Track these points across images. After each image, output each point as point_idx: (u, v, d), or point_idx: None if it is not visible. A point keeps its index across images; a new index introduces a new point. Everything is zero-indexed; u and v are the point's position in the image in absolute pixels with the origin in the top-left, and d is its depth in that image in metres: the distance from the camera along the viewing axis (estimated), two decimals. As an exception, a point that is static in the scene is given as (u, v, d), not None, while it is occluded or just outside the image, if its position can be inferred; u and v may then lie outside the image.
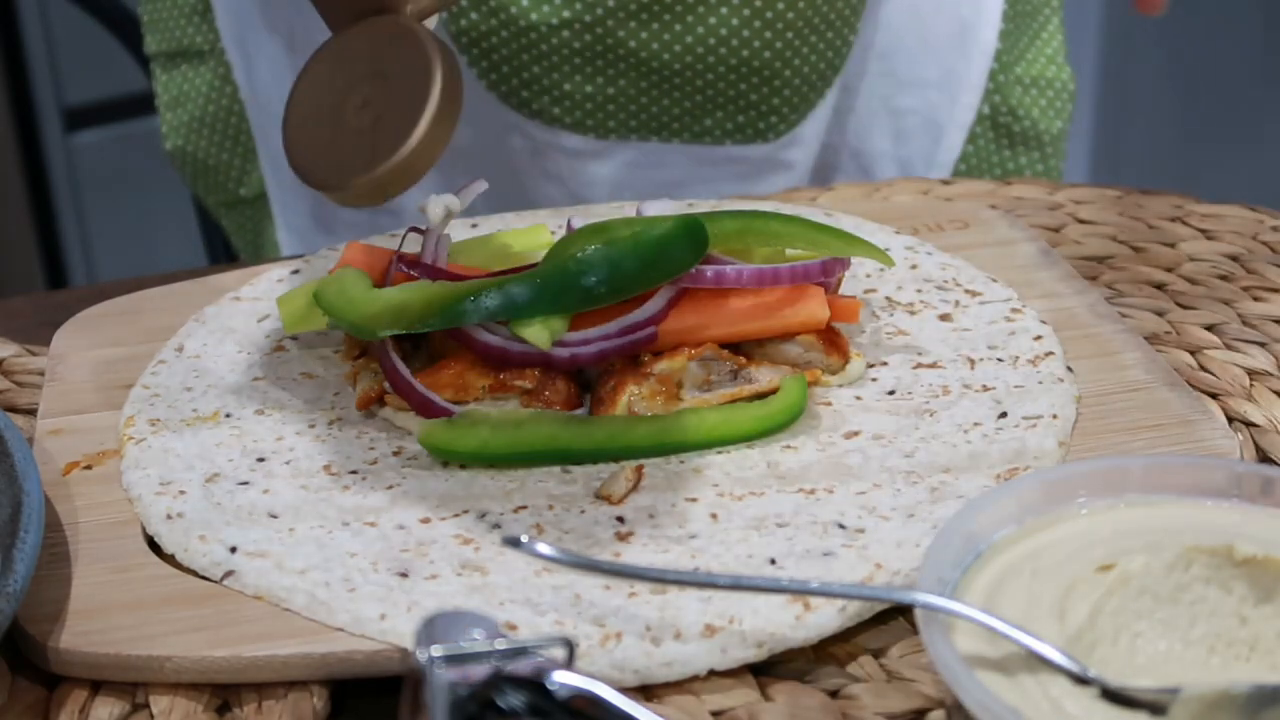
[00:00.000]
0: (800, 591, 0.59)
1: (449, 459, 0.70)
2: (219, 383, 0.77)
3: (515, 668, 0.50)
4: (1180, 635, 0.56)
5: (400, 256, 0.76)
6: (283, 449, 0.72)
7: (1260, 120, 2.35)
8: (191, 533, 0.66)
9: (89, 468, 0.72)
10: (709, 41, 1.02)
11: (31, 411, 0.78)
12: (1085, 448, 0.71)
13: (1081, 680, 0.53)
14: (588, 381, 0.74)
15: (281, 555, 0.64)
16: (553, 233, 0.85)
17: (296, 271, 0.87)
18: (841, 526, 0.65)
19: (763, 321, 0.74)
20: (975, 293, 0.83)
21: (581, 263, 0.72)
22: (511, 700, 0.49)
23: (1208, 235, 0.92)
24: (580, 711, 0.50)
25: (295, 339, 0.80)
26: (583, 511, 0.67)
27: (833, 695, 0.59)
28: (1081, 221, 0.94)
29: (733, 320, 0.74)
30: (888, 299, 0.82)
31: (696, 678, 0.60)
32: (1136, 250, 0.91)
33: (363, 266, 0.76)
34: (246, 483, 0.69)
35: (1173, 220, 0.94)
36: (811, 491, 0.68)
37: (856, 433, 0.72)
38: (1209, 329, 0.82)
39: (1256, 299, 0.85)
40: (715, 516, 0.66)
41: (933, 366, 0.76)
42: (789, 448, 0.71)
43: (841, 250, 0.77)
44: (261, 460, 0.71)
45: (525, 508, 0.67)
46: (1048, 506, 0.59)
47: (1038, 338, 0.78)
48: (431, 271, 0.75)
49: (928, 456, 0.70)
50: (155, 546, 0.66)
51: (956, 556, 0.57)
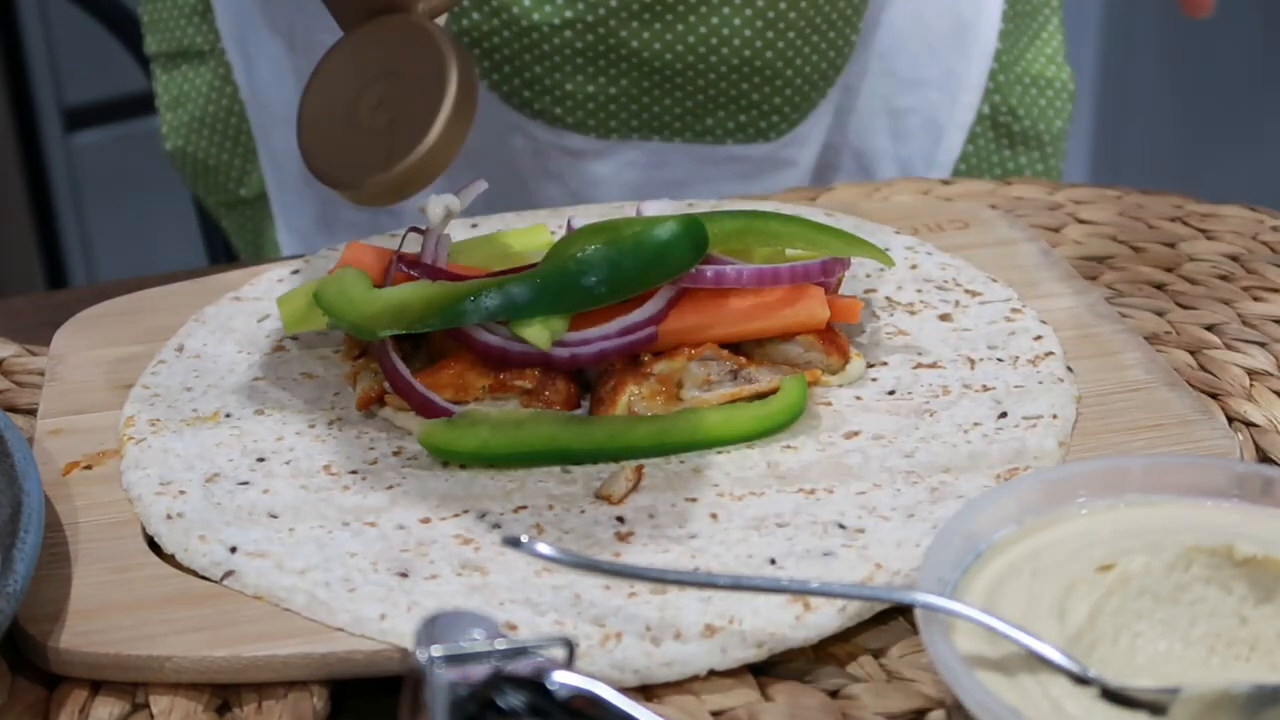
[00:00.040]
0: (800, 591, 0.59)
1: (449, 459, 0.70)
2: (219, 383, 0.77)
3: (515, 668, 0.50)
4: (1180, 635, 0.56)
5: (400, 256, 0.76)
6: (283, 449, 0.72)
7: (1260, 120, 2.35)
8: (191, 533, 0.66)
9: (89, 468, 0.72)
10: (711, 41, 1.02)
11: (31, 411, 0.78)
12: (1085, 448, 0.71)
13: (1081, 680, 0.53)
14: (588, 381, 0.74)
15: (281, 555, 0.64)
16: (553, 233, 0.85)
17: (296, 271, 0.87)
18: (841, 526, 0.65)
19: (763, 321, 0.74)
20: (975, 293, 0.83)
21: (581, 263, 0.72)
22: (511, 700, 0.49)
23: (1208, 235, 0.92)
24: (580, 711, 0.50)
25: (295, 339, 0.80)
26: (583, 511, 0.67)
27: (833, 695, 0.59)
28: (1081, 221, 0.94)
29: (733, 320, 0.74)
30: (888, 299, 0.82)
31: (696, 678, 0.60)
32: (1136, 250, 0.91)
33: (363, 266, 0.76)
34: (246, 483, 0.69)
35: (1173, 220, 0.94)
36: (811, 491, 0.68)
37: (856, 433, 0.72)
38: (1209, 329, 0.82)
39: (1256, 299, 0.85)
40: (715, 516, 0.66)
41: (933, 366, 0.76)
42: (789, 448, 0.71)
43: (841, 250, 0.77)
44: (261, 460, 0.71)
45: (525, 508, 0.67)
46: (1048, 506, 0.59)
47: (1038, 338, 0.78)
48: (431, 271, 0.75)
49: (928, 456, 0.70)
50: (155, 546, 0.66)
51: (956, 556, 0.57)
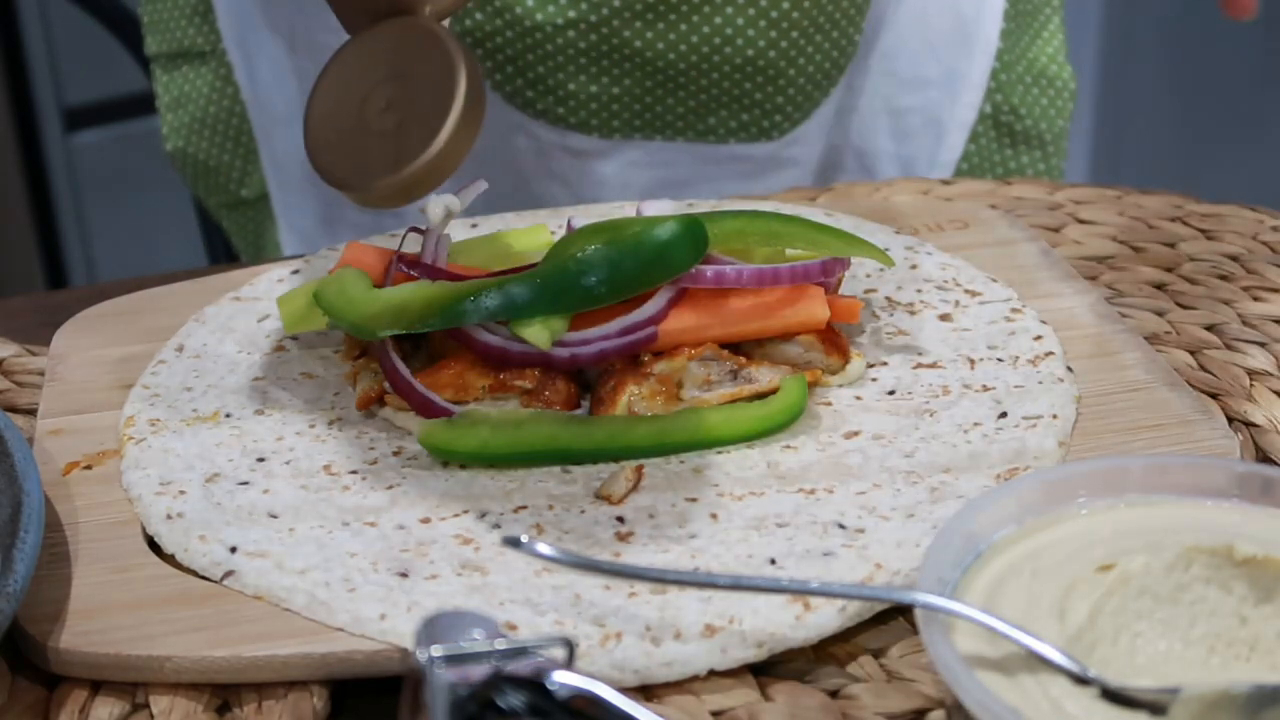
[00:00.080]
0: (800, 591, 0.59)
1: (449, 459, 0.70)
2: (219, 383, 0.77)
3: (515, 668, 0.50)
4: (1180, 635, 0.56)
5: (400, 256, 0.76)
6: (283, 449, 0.72)
7: (1260, 120, 2.35)
8: (191, 533, 0.66)
9: (89, 468, 0.72)
10: (714, 41, 1.02)
11: (31, 411, 0.78)
12: (1085, 448, 0.71)
13: (1081, 680, 0.53)
14: (588, 381, 0.74)
15: (281, 555, 0.64)
16: (553, 233, 0.85)
17: (296, 271, 0.87)
18: (841, 526, 0.65)
19: (763, 321, 0.74)
20: (975, 293, 0.83)
21: (581, 263, 0.72)
22: (511, 700, 0.49)
23: (1208, 235, 0.92)
24: (580, 711, 0.50)
25: (295, 339, 0.80)
26: (583, 511, 0.67)
27: (833, 695, 0.59)
28: (1081, 221, 0.94)
29: (733, 320, 0.74)
30: (888, 299, 0.82)
31: (696, 678, 0.60)
32: (1136, 250, 0.91)
33: (363, 266, 0.76)
34: (246, 483, 0.69)
35: (1173, 220, 0.94)
36: (811, 491, 0.68)
37: (856, 433, 0.72)
38: (1209, 329, 0.82)
39: (1256, 299, 0.85)
40: (715, 516, 0.66)
41: (933, 366, 0.76)
42: (789, 448, 0.71)
43: (841, 250, 0.77)
44: (261, 460, 0.71)
45: (525, 508, 0.67)
46: (1048, 506, 0.59)
47: (1038, 338, 0.78)
48: (431, 271, 0.75)
49: (928, 456, 0.70)
50: (155, 546, 0.66)
51: (956, 556, 0.57)
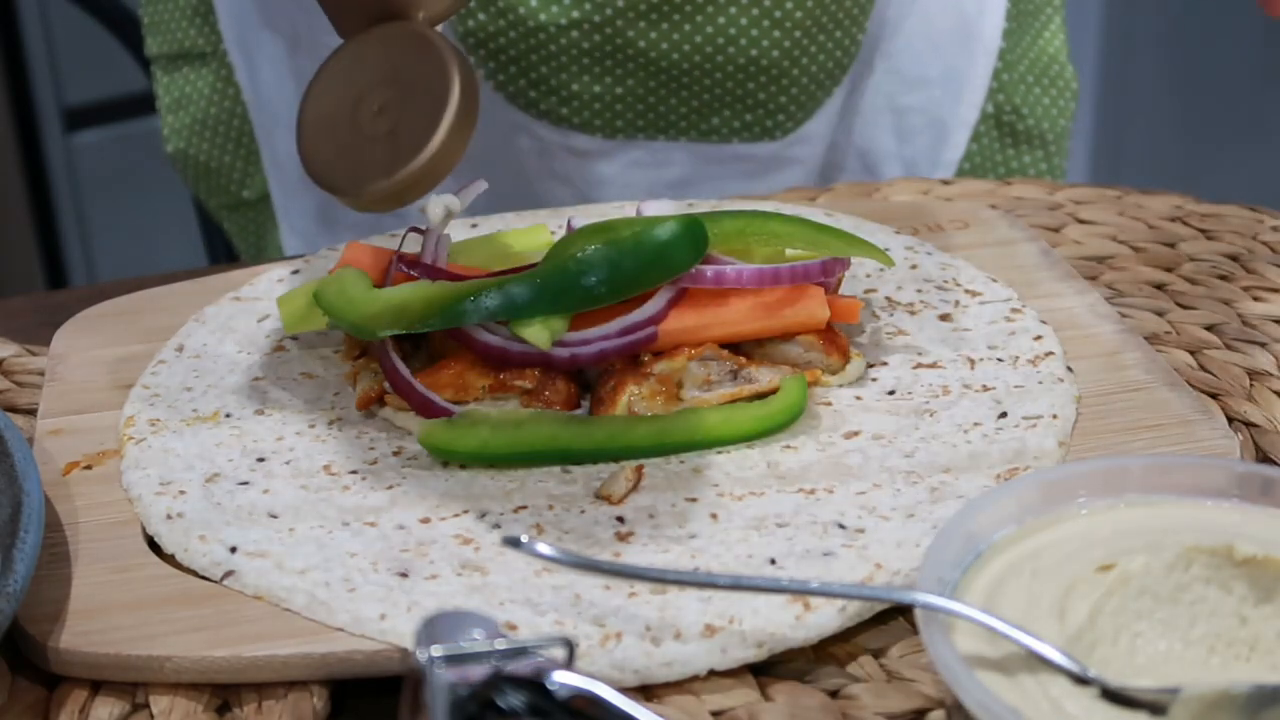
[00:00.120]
0: (800, 591, 0.59)
1: (449, 459, 0.70)
2: (219, 383, 0.77)
3: (515, 668, 0.50)
4: (1180, 635, 0.56)
5: (400, 256, 0.76)
6: (283, 449, 0.72)
7: (1260, 120, 2.35)
8: (191, 533, 0.66)
9: (89, 468, 0.72)
10: (718, 41, 1.02)
11: (31, 411, 0.78)
12: (1085, 448, 0.71)
13: (1081, 680, 0.53)
14: (588, 381, 0.74)
15: (281, 555, 0.64)
16: (553, 233, 0.85)
17: (296, 271, 0.87)
18: (841, 526, 0.65)
19: (763, 321, 0.74)
20: (975, 293, 0.83)
21: (581, 263, 0.72)
22: (511, 700, 0.49)
23: (1208, 235, 0.92)
24: (580, 711, 0.50)
25: (295, 339, 0.80)
26: (583, 511, 0.67)
27: (833, 695, 0.59)
28: (1081, 221, 0.94)
29: (733, 320, 0.74)
30: (888, 299, 0.82)
31: (696, 678, 0.60)
32: (1136, 250, 0.91)
33: (363, 266, 0.76)
34: (246, 483, 0.69)
35: (1173, 220, 0.94)
36: (811, 491, 0.68)
37: (856, 433, 0.72)
38: (1209, 329, 0.82)
39: (1256, 299, 0.85)
40: (715, 516, 0.66)
41: (933, 366, 0.76)
42: (789, 448, 0.71)
43: (841, 250, 0.77)
44: (261, 460, 0.71)
45: (525, 508, 0.67)
46: (1048, 506, 0.59)
47: (1038, 338, 0.78)
48: (431, 271, 0.75)
49: (928, 456, 0.70)
50: (155, 546, 0.66)
51: (956, 556, 0.57)
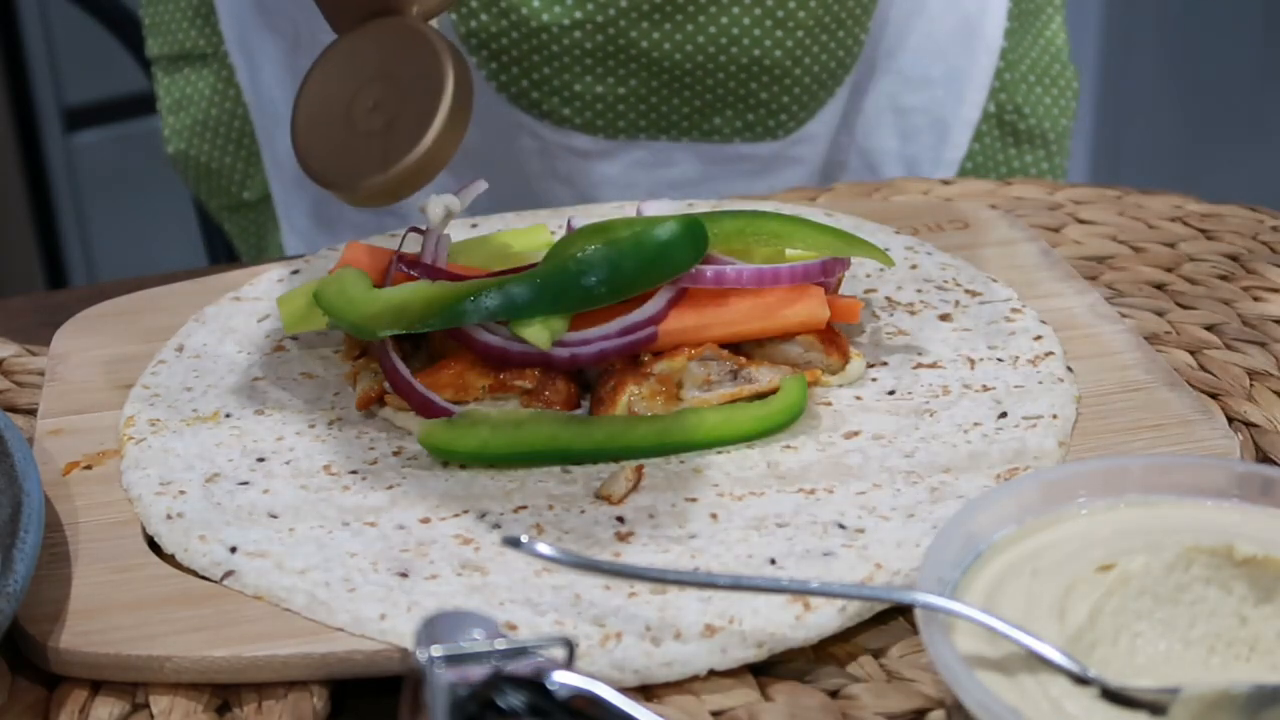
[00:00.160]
0: (800, 591, 0.59)
1: (449, 459, 0.70)
2: (219, 383, 0.77)
3: (515, 668, 0.50)
4: (1180, 635, 0.56)
5: (400, 256, 0.76)
6: (283, 449, 0.72)
7: (1260, 120, 2.35)
8: (191, 533, 0.66)
9: (89, 468, 0.72)
10: (720, 41, 1.02)
11: (31, 411, 0.78)
12: (1085, 448, 0.71)
13: (1081, 680, 0.53)
14: (588, 381, 0.74)
15: (281, 555, 0.64)
16: (553, 233, 0.85)
17: (296, 271, 0.87)
18: (841, 526, 0.65)
19: (763, 321, 0.74)
20: (975, 293, 0.83)
21: (581, 263, 0.72)
22: (511, 700, 0.49)
23: (1208, 235, 0.92)
24: (580, 711, 0.50)
25: (295, 339, 0.80)
26: (583, 511, 0.67)
27: (833, 695, 0.59)
28: (1081, 221, 0.94)
29: (733, 320, 0.74)
30: (888, 299, 0.82)
31: (696, 678, 0.60)
32: (1136, 250, 0.91)
33: (363, 266, 0.76)
34: (246, 483, 0.69)
35: (1173, 220, 0.94)
36: (811, 491, 0.68)
37: (856, 433, 0.72)
38: (1209, 329, 0.82)
39: (1256, 299, 0.85)
40: (715, 516, 0.66)
41: (933, 366, 0.76)
42: (789, 448, 0.71)
43: (841, 250, 0.77)
44: (261, 460, 0.71)
45: (525, 508, 0.67)
46: (1048, 506, 0.59)
47: (1038, 338, 0.78)
48: (431, 271, 0.75)
49: (928, 456, 0.70)
50: (155, 546, 0.66)
51: (956, 556, 0.57)
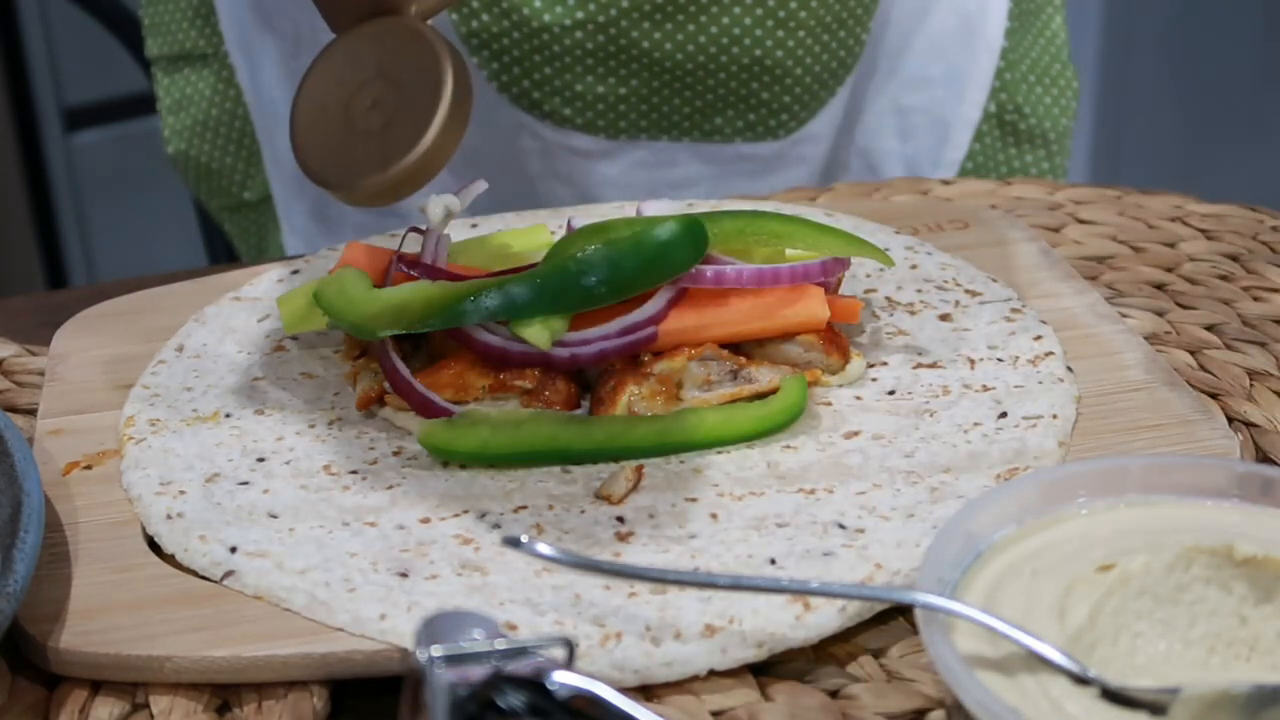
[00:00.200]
0: (800, 591, 0.59)
1: (449, 459, 0.70)
2: (219, 383, 0.77)
3: (515, 668, 0.50)
4: (1180, 635, 0.56)
5: (400, 256, 0.76)
6: (283, 449, 0.72)
7: (1260, 120, 2.35)
8: (191, 533, 0.66)
9: (89, 468, 0.72)
10: (722, 41, 1.02)
11: (31, 411, 0.78)
12: (1085, 448, 0.71)
13: (1081, 680, 0.53)
14: (588, 381, 0.74)
15: (281, 555, 0.64)
16: (553, 233, 0.85)
17: (296, 271, 0.87)
18: (841, 526, 0.65)
19: (763, 321, 0.74)
20: (975, 293, 0.83)
21: (581, 263, 0.72)
22: (511, 700, 0.49)
23: (1208, 235, 0.92)
24: (580, 711, 0.50)
25: (295, 339, 0.80)
26: (583, 511, 0.67)
27: (833, 695, 0.59)
28: (1081, 221, 0.94)
29: (733, 320, 0.74)
30: (888, 299, 0.82)
31: (696, 678, 0.60)
32: (1136, 250, 0.91)
33: (363, 266, 0.76)
34: (246, 483, 0.69)
35: (1173, 220, 0.94)
36: (811, 491, 0.68)
37: (856, 433, 0.72)
38: (1209, 329, 0.82)
39: (1256, 299, 0.85)
40: (715, 516, 0.66)
41: (933, 366, 0.76)
42: (789, 448, 0.71)
43: (841, 250, 0.77)
44: (261, 460, 0.71)
45: (525, 508, 0.67)
46: (1048, 506, 0.59)
47: (1038, 338, 0.78)
48: (431, 271, 0.75)
49: (928, 456, 0.70)
50: (155, 546, 0.66)
51: (956, 556, 0.57)
